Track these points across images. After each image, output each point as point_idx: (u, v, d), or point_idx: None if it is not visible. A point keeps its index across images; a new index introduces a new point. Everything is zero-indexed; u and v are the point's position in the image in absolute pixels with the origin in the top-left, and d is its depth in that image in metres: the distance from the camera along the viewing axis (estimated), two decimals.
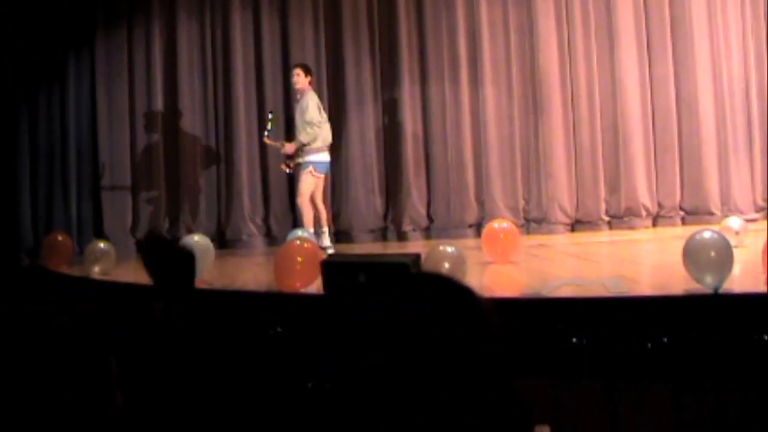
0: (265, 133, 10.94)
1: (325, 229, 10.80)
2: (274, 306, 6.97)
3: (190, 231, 11.39)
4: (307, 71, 10.89)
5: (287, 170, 10.85)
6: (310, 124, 10.60)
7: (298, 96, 10.83)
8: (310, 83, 10.86)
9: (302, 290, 7.32)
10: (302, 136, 10.63)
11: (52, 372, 1.89)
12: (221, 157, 12.32)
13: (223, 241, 11.89)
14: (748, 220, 10.63)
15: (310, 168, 10.58)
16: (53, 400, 1.86)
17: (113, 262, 9.50)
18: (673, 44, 12.44)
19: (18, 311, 1.97)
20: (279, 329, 6.47)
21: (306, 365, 5.78)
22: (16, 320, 1.93)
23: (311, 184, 10.65)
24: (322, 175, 10.79)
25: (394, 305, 1.59)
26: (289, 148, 10.68)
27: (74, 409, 1.87)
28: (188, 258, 2.95)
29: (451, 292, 1.64)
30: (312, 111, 10.63)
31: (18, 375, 1.86)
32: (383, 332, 1.55)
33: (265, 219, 12.23)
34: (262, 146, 12.15)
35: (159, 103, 12.24)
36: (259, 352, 6.43)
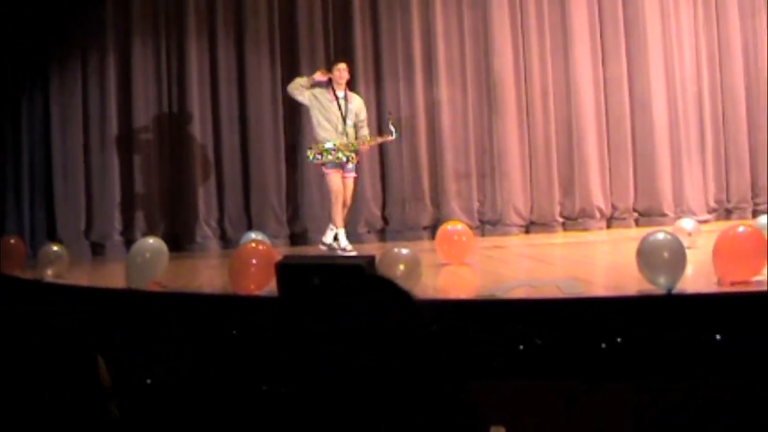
0: (392, 133, 10.82)
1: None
2: (229, 309, 6.95)
3: (144, 234, 11.31)
4: (349, 69, 11.00)
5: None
6: (364, 122, 10.77)
7: (336, 91, 10.70)
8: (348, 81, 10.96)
9: (257, 293, 7.29)
10: (366, 131, 10.77)
11: (38, 378, 1.87)
12: (175, 160, 12.23)
13: (178, 244, 11.81)
14: (700, 222, 10.72)
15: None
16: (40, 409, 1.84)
17: (66, 266, 9.42)
18: (627, 45, 12.54)
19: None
20: (234, 332, 6.45)
21: (261, 368, 5.76)
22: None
23: None
24: None
25: (347, 308, 1.59)
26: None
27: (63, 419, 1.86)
28: None
29: (392, 295, 1.64)
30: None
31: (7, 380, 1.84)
32: (337, 335, 1.55)
33: (220, 221, 12.18)
34: (218, 150, 12.11)
35: (113, 111, 12.09)
36: (214, 355, 6.39)
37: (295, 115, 12.20)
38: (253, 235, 10.34)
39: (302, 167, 12.21)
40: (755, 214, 12.22)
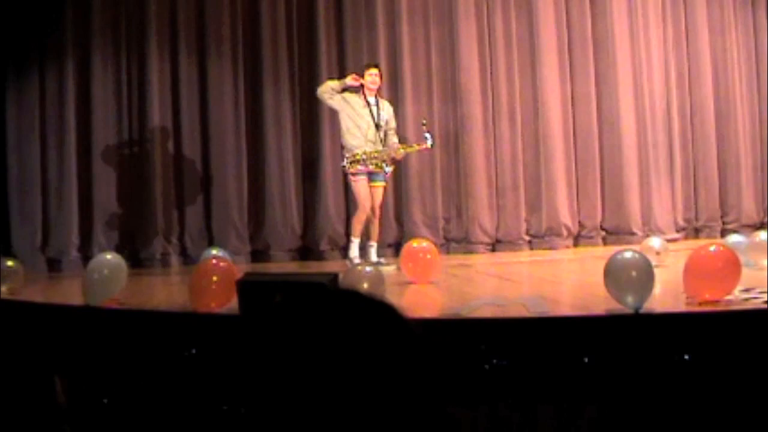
0: (428, 141, 10.65)
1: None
2: (189, 327, 6.90)
3: (102, 249, 11.22)
4: (381, 73, 10.96)
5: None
6: (393, 130, 10.77)
7: (367, 97, 10.64)
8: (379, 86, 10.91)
9: (217, 310, 7.25)
10: (395, 139, 10.73)
11: None
12: (135, 174, 12.15)
13: (137, 260, 11.72)
14: (668, 240, 10.78)
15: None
16: None
17: (21, 282, 9.33)
18: (596, 62, 12.61)
19: None
20: (193, 351, 6.41)
21: (221, 387, 5.72)
22: None
23: None
24: None
25: (312, 325, 1.57)
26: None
27: None
28: None
29: (372, 309, 1.62)
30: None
31: None
32: (301, 353, 1.53)
33: (180, 237, 12.10)
34: (178, 164, 12.05)
35: (72, 123, 11.98)
36: (173, 374, 6.35)
37: (258, 128, 12.17)
38: (214, 251, 10.29)
39: (265, 182, 12.16)
40: (724, 233, 12.31)
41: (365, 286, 7.25)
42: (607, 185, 12.62)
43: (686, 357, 5.50)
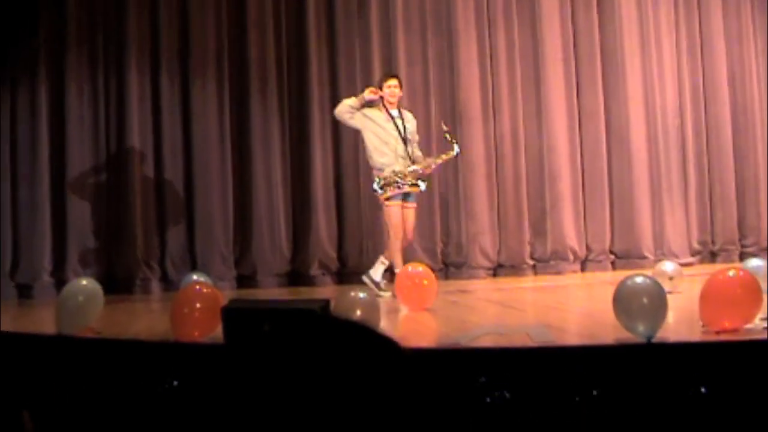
0: (454, 148, 10.64)
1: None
2: (170, 357, 6.89)
3: (77, 275, 11.20)
4: (401, 84, 10.92)
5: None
6: (415, 142, 10.79)
7: (389, 110, 10.65)
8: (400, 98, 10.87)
9: (201, 340, 7.23)
10: (419, 152, 10.75)
11: None
12: (113, 194, 12.13)
13: (114, 286, 11.68)
14: (682, 264, 10.76)
15: None
16: None
17: None
18: (604, 75, 12.65)
19: None
20: (175, 383, 6.39)
21: (204, 422, 5.71)
22: None
23: None
24: None
25: (303, 356, 1.56)
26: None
27: None
28: None
29: (370, 341, 1.62)
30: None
31: None
32: (290, 386, 1.53)
33: (161, 262, 12.07)
34: (159, 184, 12.03)
35: (45, 141, 11.95)
36: (153, 408, 6.33)
37: (244, 147, 12.17)
38: (196, 276, 10.26)
39: (251, 203, 12.15)
40: (742, 256, 12.30)
41: (358, 313, 7.24)
42: (616, 206, 12.64)
43: (702, 390, 5.48)
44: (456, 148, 10.60)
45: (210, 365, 6.37)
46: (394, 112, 10.62)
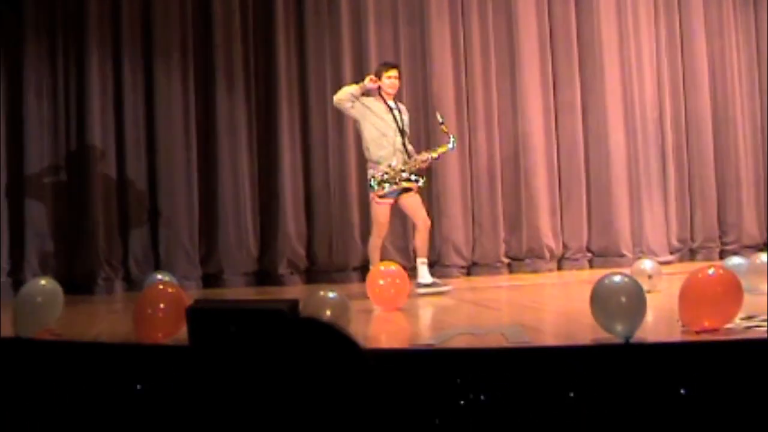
0: (451, 141, 10.56)
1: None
2: (133, 360, 6.86)
3: (35, 274, 11.15)
4: (401, 74, 10.85)
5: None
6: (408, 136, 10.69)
7: (387, 101, 10.55)
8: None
9: (164, 341, 7.22)
10: (410, 146, 10.63)
11: None
12: (73, 190, 12.07)
13: (75, 286, 11.63)
14: (662, 263, 10.81)
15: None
16: None
17: None
18: (581, 68, 12.68)
19: None
20: (138, 386, 6.37)
21: (169, 425, 5.69)
22: None
23: None
24: None
25: (269, 356, 1.56)
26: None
27: None
28: None
29: (333, 340, 1.62)
30: None
31: None
32: (257, 388, 1.53)
33: (124, 261, 12.03)
34: (121, 180, 11.97)
35: (1, 135, 11.87)
36: (116, 412, 6.31)
37: (210, 141, 12.13)
38: (160, 276, 10.23)
39: (217, 200, 12.12)
40: (723, 254, 12.38)
41: (328, 313, 7.24)
42: (593, 202, 12.68)
43: (682, 391, 5.51)
44: (452, 141, 10.55)
45: (174, 368, 6.36)
46: (392, 104, 10.55)
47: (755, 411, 5.46)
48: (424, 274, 10.46)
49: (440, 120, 10.66)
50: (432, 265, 12.10)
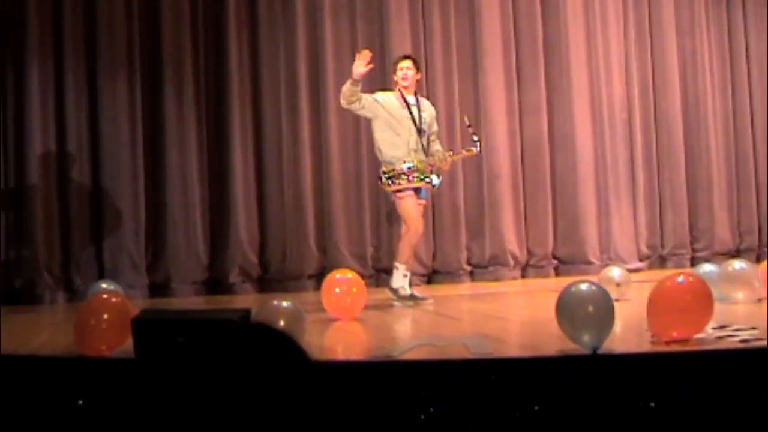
0: (477, 145, 10.42)
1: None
2: (75, 373, 6.83)
3: None
4: (417, 66, 10.62)
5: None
6: (436, 134, 10.55)
7: (405, 96, 10.40)
8: (417, 82, 10.61)
9: (108, 354, 7.18)
10: (439, 146, 10.48)
11: None
12: (11, 195, 11.98)
13: (13, 296, 11.57)
14: (630, 270, 10.85)
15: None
16: None
17: None
18: (546, 67, 12.74)
19: None
20: (80, 401, 6.33)
21: None
22: None
23: None
24: None
25: (219, 369, 1.56)
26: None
27: None
28: None
29: (280, 347, 1.62)
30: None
31: None
32: (206, 401, 1.52)
33: (65, 269, 11.95)
34: (63, 184, 11.89)
35: None
36: (57, 428, 6.27)
37: (157, 144, 12.08)
38: (104, 285, 10.18)
39: (165, 205, 12.07)
40: (693, 261, 12.47)
41: (281, 323, 7.23)
42: (559, 207, 12.73)
43: (651, 404, 5.53)
44: (478, 145, 10.43)
45: (119, 382, 6.32)
46: (411, 99, 10.39)
47: (727, 425, 5.49)
48: (399, 279, 10.37)
49: (467, 122, 10.62)
50: (391, 273, 12.12)
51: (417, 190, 10.24)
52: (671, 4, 13.15)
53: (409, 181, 10.16)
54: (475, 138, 10.40)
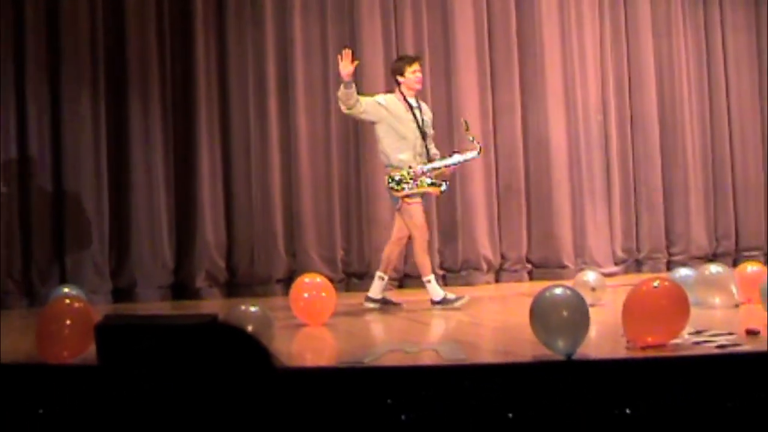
0: (477, 147, 10.36)
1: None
2: (36, 381, 6.79)
3: None
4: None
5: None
6: (431, 137, 10.46)
7: (407, 98, 10.31)
8: None
9: (71, 361, 7.15)
10: (435, 150, 10.40)
11: None
12: None
13: None
14: (605, 275, 10.89)
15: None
16: None
17: None
18: (521, 67, 12.75)
19: None
20: (41, 410, 6.31)
21: None
22: None
23: None
24: None
25: (184, 372, 1.55)
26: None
27: None
28: None
29: (247, 351, 1.61)
30: None
31: None
32: (170, 409, 1.51)
33: (25, 273, 11.88)
34: (23, 184, 11.82)
35: None
36: None
37: (122, 145, 12.01)
38: (66, 289, 10.14)
39: (130, 207, 12.00)
40: (670, 265, 12.50)
41: (249, 329, 7.21)
42: (533, 211, 12.73)
43: (627, 411, 5.54)
44: (478, 147, 10.39)
45: (81, 390, 6.30)
46: (413, 102, 10.33)
47: (704, 431, 5.50)
48: (377, 288, 10.38)
49: (465, 126, 10.58)
50: (361, 277, 12.14)
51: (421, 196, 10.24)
52: (647, 3, 13.17)
53: (417, 186, 10.14)
54: (474, 140, 10.39)
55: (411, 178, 10.07)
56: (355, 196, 12.34)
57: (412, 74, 10.30)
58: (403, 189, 10.08)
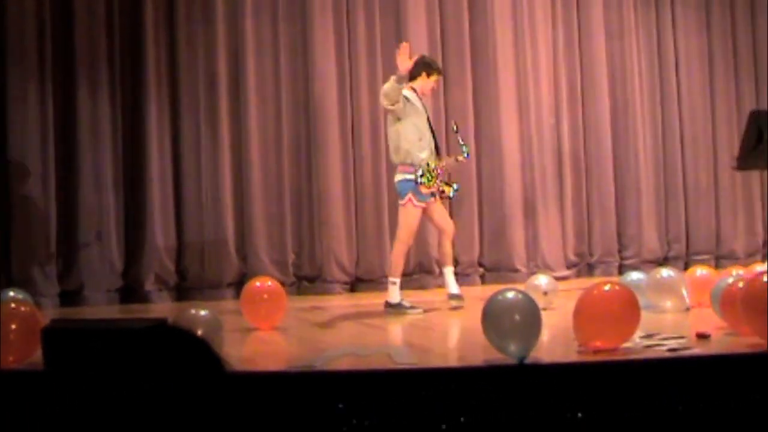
0: (465, 151, 10.44)
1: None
2: None
3: None
4: None
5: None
6: None
7: (417, 96, 10.32)
8: None
9: (16, 366, 7.10)
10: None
11: None
12: None
13: None
14: (558, 278, 10.94)
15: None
16: None
17: None
18: (473, 69, 12.77)
19: None
20: None
21: None
22: None
23: None
24: None
25: (131, 376, 1.54)
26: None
27: None
28: None
29: (196, 354, 1.60)
30: None
31: None
32: (117, 413, 1.50)
33: None
34: None
35: None
36: None
37: (69, 143, 11.92)
38: (11, 293, 10.05)
39: (77, 208, 11.92)
40: (622, 269, 12.56)
41: (199, 333, 7.18)
42: (485, 213, 12.76)
43: (579, 415, 5.56)
44: (466, 150, 10.45)
45: (27, 395, 6.25)
46: (421, 101, 10.41)
47: None
48: (395, 293, 10.35)
49: (454, 128, 10.62)
50: (313, 281, 12.14)
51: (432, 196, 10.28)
52: (600, 6, 13.22)
53: (437, 186, 10.19)
54: (463, 145, 10.48)
55: (435, 177, 10.12)
56: (307, 198, 12.32)
57: (434, 82, 10.45)
58: (431, 185, 10.10)
